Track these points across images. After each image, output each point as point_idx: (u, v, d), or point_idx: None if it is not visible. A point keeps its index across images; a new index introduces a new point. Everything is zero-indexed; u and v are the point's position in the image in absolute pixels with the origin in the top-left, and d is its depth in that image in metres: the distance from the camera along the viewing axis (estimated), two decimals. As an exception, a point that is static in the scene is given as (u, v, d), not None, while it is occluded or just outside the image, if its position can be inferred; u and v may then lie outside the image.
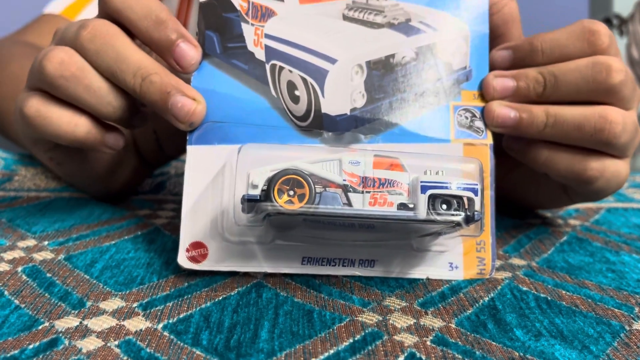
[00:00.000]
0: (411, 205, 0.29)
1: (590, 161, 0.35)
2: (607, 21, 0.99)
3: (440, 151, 0.34)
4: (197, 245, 0.33)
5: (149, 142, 0.40)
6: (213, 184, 0.33)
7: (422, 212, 0.29)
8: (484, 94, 0.35)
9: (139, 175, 0.43)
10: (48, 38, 0.69)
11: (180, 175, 0.51)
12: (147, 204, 0.44)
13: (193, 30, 0.87)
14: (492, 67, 0.36)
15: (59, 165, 0.39)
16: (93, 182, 0.41)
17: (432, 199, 0.29)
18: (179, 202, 0.44)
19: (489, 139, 0.35)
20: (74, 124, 0.33)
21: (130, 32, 0.34)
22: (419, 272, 0.34)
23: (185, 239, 0.33)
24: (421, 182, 0.30)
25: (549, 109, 0.34)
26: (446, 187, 0.30)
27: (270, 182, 0.29)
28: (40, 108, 0.33)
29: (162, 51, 0.33)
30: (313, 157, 0.30)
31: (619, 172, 0.36)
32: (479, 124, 0.35)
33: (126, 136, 0.37)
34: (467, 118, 0.35)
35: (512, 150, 0.37)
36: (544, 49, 0.35)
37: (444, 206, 0.30)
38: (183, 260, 0.33)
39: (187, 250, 0.33)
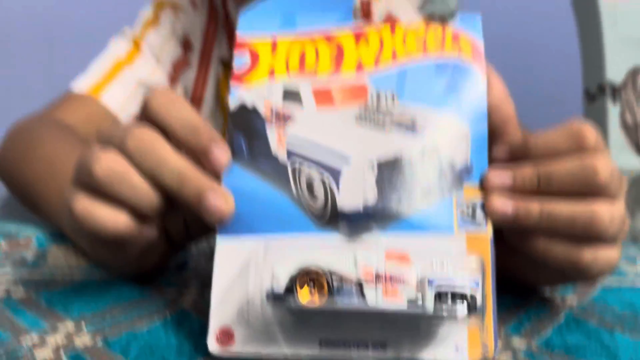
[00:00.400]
0: (419, 302, 0.33)
1: (584, 251, 0.38)
2: (601, 88, 1.04)
3: (445, 242, 0.38)
4: (225, 331, 0.36)
5: (177, 226, 0.44)
6: (240, 274, 0.37)
7: (429, 307, 0.32)
8: (484, 188, 0.39)
9: (166, 256, 0.47)
10: (76, 116, 0.74)
11: (202, 254, 0.54)
12: (172, 284, 0.48)
13: (207, 106, 0.93)
14: (491, 162, 0.40)
15: (94, 251, 0.43)
16: (124, 265, 0.45)
17: (438, 294, 0.33)
18: (202, 281, 0.48)
19: (489, 231, 0.38)
20: (116, 220, 0.37)
21: (168, 134, 0.38)
22: (427, 354, 0.37)
23: (215, 325, 0.36)
24: (428, 277, 0.33)
25: (544, 205, 0.38)
26: (451, 281, 0.33)
27: (293, 280, 0.32)
28: (87, 206, 0.37)
29: (196, 155, 0.37)
30: (331, 252, 0.34)
31: (610, 258, 0.39)
32: (480, 217, 0.39)
33: (158, 224, 0.40)
34: (468, 212, 0.39)
35: (512, 240, 0.40)
36: (538, 149, 0.39)
37: (449, 300, 0.33)
38: (212, 346, 0.36)
39: (216, 337, 0.36)
